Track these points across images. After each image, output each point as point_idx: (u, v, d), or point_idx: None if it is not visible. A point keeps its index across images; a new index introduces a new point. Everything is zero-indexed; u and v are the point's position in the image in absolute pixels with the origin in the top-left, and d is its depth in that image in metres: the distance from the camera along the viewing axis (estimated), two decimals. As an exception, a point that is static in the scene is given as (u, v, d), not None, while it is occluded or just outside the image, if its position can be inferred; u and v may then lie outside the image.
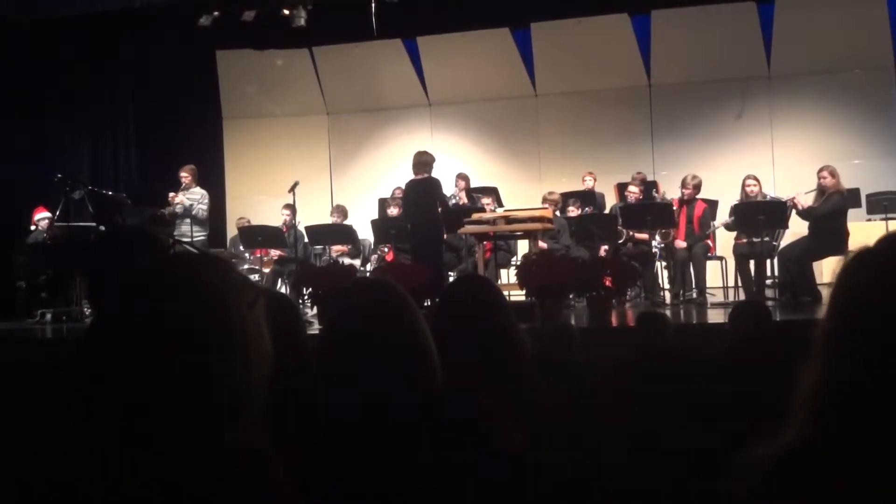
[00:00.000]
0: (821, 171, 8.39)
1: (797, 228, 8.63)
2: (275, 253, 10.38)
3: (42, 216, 9.93)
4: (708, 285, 8.88)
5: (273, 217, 10.83)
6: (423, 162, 8.75)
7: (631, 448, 2.50)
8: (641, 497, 2.40)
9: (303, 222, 10.26)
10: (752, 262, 8.53)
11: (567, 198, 10.27)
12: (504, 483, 1.66)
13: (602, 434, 2.50)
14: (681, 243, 8.91)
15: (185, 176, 10.12)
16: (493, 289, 2.53)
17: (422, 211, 8.71)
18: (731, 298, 8.60)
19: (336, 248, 10.47)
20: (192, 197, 10.04)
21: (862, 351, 1.13)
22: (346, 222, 10.80)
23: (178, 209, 9.95)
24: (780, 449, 1.16)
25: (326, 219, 10.95)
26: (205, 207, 10.11)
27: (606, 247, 9.28)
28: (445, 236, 9.38)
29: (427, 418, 1.68)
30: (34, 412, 1.26)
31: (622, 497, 2.37)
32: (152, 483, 1.16)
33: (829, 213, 8.15)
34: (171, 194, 10.02)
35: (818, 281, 8.26)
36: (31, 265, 9.61)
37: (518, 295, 7.71)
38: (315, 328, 6.51)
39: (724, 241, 9.27)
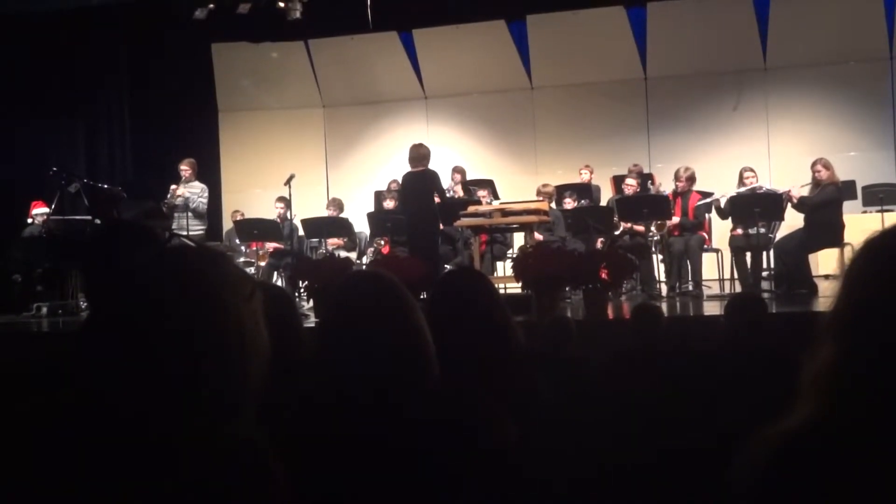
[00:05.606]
0: (814, 164, 8.40)
1: (793, 220, 8.64)
2: (270, 246, 10.37)
3: (40, 211, 9.90)
4: (704, 278, 8.88)
5: (269, 210, 10.82)
6: (419, 155, 8.73)
7: (628, 441, 2.50)
8: (637, 492, 2.41)
9: (298, 215, 10.25)
10: (748, 255, 8.53)
11: (563, 190, 10.26)
12: (499, 480, 1.66)
13: (599, 428, 2.50)
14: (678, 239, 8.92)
15: (185, 169, 10.11)
16: (484, 282, 2.48)
17: (419, 203, 8.69)
18: (727, 291, 8.60)
19: (332, 241, 10.46)
20: (192, 191, 10.03)
21: (878, 335, 1.14)
22: (341, 215, 10.79)
23: (180, 202, 9.95)
24: (789, 428, 1.16)
25: (322, 212, 10.93)
26: (204, 201, 10.11)
27: (602, 239, 9.27)
28: (442, 228, 9.37)
29: (424, 413, 1.68)
30: (29, 407, 1.25)
31: (618, 492, 2.37)
32: (149, 479, 1.16)
33: (823, 204, 8.16)
34: (174, 187, 10.01)
35: (814, 273, 8.27)
36: (27, 259, 9.59)
37: (514, 288, 7.70)
38: (311, 321, 6.51)
39: (721, 234, 9.27)
